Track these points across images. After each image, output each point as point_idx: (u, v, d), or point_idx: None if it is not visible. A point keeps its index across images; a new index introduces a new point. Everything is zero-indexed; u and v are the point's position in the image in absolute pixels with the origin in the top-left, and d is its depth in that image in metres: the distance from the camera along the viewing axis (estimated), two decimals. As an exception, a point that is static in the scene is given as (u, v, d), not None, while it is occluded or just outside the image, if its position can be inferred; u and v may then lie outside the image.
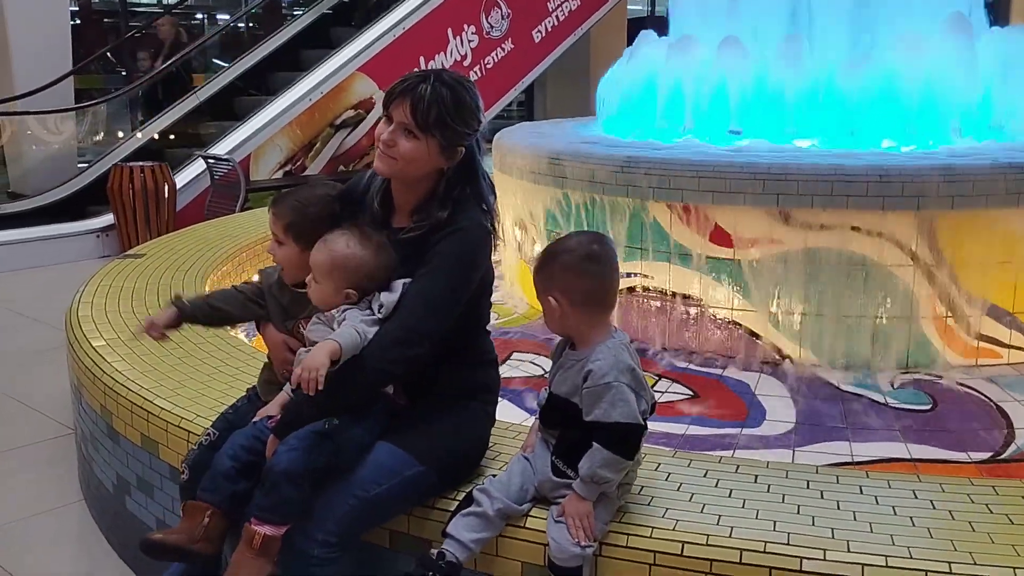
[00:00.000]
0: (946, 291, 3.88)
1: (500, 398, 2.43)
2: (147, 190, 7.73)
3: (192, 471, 2.29)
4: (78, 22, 11.49)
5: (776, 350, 4.03)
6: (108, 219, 7.99)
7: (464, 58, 9.98)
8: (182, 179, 8.41)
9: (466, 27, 10.05)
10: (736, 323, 4.08)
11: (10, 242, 7.55)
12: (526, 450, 2.21)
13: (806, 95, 4.66)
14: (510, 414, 3.21)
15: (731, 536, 1.99)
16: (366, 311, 2.16)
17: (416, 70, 2.23)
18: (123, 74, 11.67)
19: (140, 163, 7.94)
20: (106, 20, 13.25)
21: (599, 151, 4.44)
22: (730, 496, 2.18)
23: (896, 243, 3.82)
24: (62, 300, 4.20)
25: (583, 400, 2.03)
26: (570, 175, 4.40)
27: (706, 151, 4.35)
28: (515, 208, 4.92)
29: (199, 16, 14.49)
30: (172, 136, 9.49)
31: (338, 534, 2.05)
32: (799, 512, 2.09)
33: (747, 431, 3.46)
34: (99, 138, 9.62)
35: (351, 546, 2.11)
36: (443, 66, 9.51)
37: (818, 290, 3.91)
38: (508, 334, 4.44)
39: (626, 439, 1.99)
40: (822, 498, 2.16)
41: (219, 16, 13.97)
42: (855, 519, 2.06)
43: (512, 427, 2.58)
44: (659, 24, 5.85)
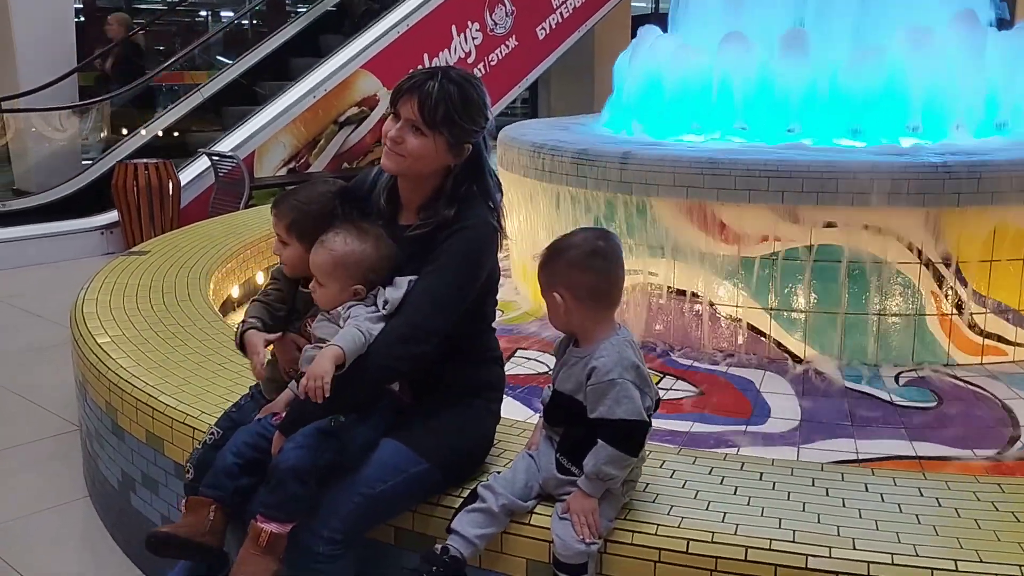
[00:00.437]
0: (952, 288, 3.87)
1: (504, 395, 2.42)
2: (151, 187, 7.74)
3: (196, 470, 2.29)
4: (82, 19, 11.50)
5: (781, 347, 4.02)
6: (112, 216, 8.00)
7: (468, 55, 9.97)
8: (186, 176, 8.41)
9: (470, 24, 10.04)
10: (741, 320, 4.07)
11: (15, 239, 7.56)
12: (531, 447, 2.21)
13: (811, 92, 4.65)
14: (514, 411, 3.21)
15: (736, 533, 1.99)
16: (371, 307, 2.16)
17: (422, 67, 2.23)
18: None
19: (144, 160, 7.94)
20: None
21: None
22: (735, 493, 2.17)
23: (902, 240, 3.81)
24: (67, 297, 4.21)
25: (587, 397, 2.02)
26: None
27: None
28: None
29: (203, 13, 14.50)
30: (176, 133, 9.50)
31: (343, 531, 2.05)
32: (804, 510, 2.09)
33: (752, 428, 3.45)
34: (103, 135, 9.62)
35: (356, 543, 2.11)
36: (447, 63, 9.52)
37: (823, 287, 3.90)
38: (512, 331, 4.44)
39: (631, 436, 1.99)
40: (827, 496, 2.16)
41: (223, 13, 13.97)
42: (861, 517, 2.06)
43: (516, 424, 2.58)
44: (663, 21, 5.83)
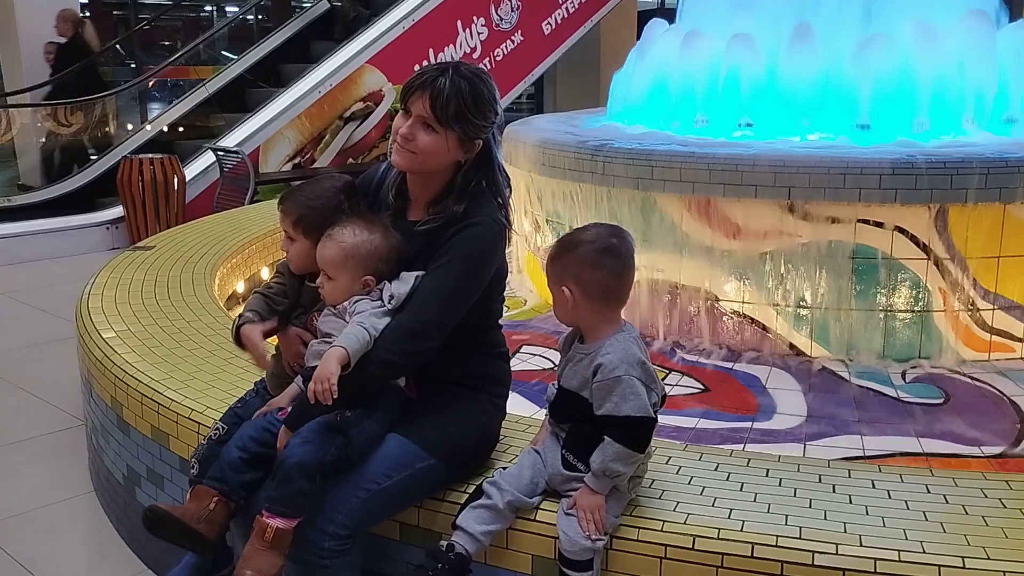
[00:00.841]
0: (959, 285, 3.85)
1: (510, 391, 2.42)
2: (156, 182, 7.74)
3: (201, 466, 2.29)
4: (88, 15, 11.51)
5: (787, 344, 4.01)
6: (118, 211, 8.01)
7: (474, 50, 9.95)
8: (191, 171, 8.42)
9: (476, 19, 10.03)
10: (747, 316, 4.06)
11: (20, 234, 7.58)
12: (536, 444, 2.21)
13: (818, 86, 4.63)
14: (520, 407, 3.20)
15: (742, 530, 1.98)
16: (376, 302, 2.16)
17: (433, 63, 2.22)
18: (133, 66, 11.70)
19: (150, 155, 7.95)
20: (116, 13, 13.30)
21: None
22: (741, 490, 2.17)
23: (909, 236, 3.80)
24: (72, 292, 4.21)
25: (593, 394, 2.02)
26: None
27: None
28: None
29: (208, 8, 14.51)
30: (181, 128, 9.51)
31: (349, 527, 2.04)
32: (811, 506, 2.08)
33: (758, 425, 3.45)
34: (108, 130, 9.64)
35: (362, 538, 2.10)
36: (452, 58, 9.50)
37: (830, 283, 3.89)
38: (518, 327, 4.44)
39: (637, 432, 1.98)
40: (834, 492, 2.15)
41: (228, 9, 13.99)
42: (867, 513, 2.05)
43: (521, 420, 2.58)
44: (669, 16, 5.81)
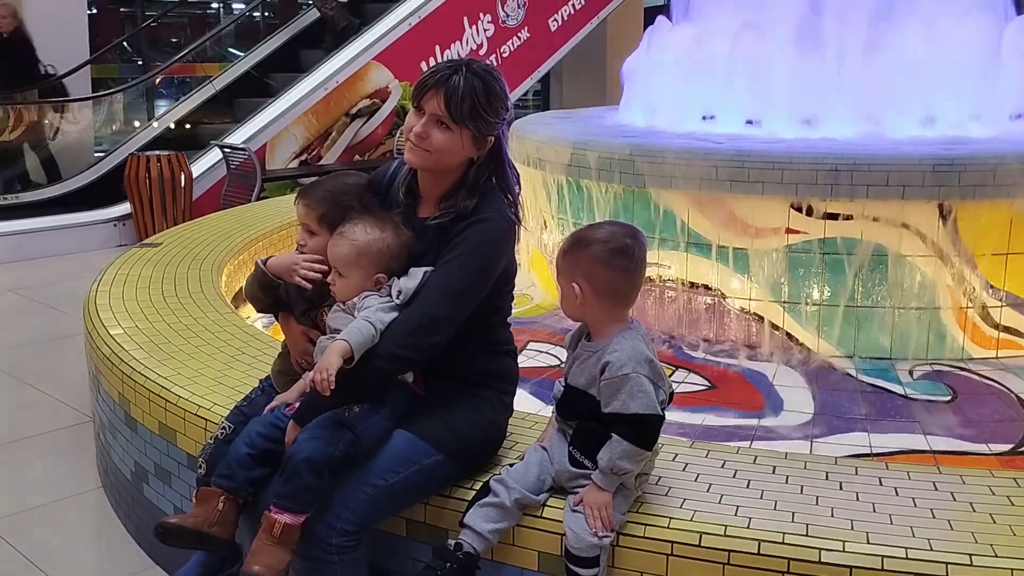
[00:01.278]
0: (967, 282, 3.84)
1: (517, 388, 2.42)
2: (164, 179, 7.75)
3: (208, 464, 2.29)
4: (95, 11, 11.53)
5: (794, 341, 4.00)
6: (125, 208, 8.02)
7: (480, 47, 9.94)
8: (198, 168, 8.43)
9: (482, 16, 10.01)
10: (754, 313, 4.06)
11: (28, 231, 7.59)
12: (543, 441, 2.21)
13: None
14: (526, 404, 3.21)
15: (749, 527, 1.98)
16: (385, 297, 2.16)
17: (443, 60, 2.22)
18: (139, 63, 11.73)
19: (157, 152, 7.96)
20: (123, 9, 13.32)
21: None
22: (748, 487, 2.17)
23: (916, 233, 3.79)
24: (80, 288, 4.23)
25: (601, 392, 2.02)
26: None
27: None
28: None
29: (215, 5, 14.53)
30: (188, 125, 9.52)
31: (356, 522, 2.05)
32: (818, 503, 2.08)
33: (765, 422, 3.44)
34: (116, 127, 9.66)
35: (369, 534, 2.11)
36: (459, 55, 9.49)
37: (837, 280, 3.88)
38: (524, 324, 4.43)
39: (645, 430, 1.98)
40: (841, 489, 2.15)
41: (235, 6, 14.00)
42: (874, 511, 2.04)
43: (528, 417, 2.58)
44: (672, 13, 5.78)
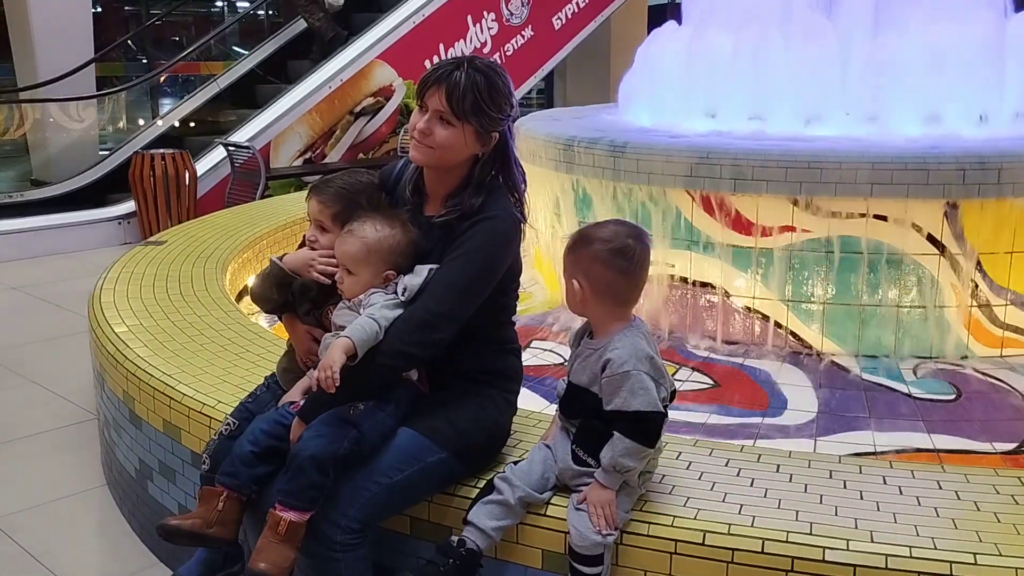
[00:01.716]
0: (971, 280, 3.84)
1: (521, 387, 2.42)
2: (168, 177, 7.77)
3: (213, 461, 2.29)
4: (99, 10, 11.54)
5: (798, 339, 4.00)
6: (129, 206, 8.04)
7: (484, 45, 9.94)
8: (203, 166, 8.44)
9: (486, 14, 10.00)
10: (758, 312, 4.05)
11: (33, 229, 7.61)
12: (547, 439, 2.21)
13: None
14: (530, 402, 3.20)
15: (753, 526, 1.98)
16: (390, 294, 2.17)
17: (439, 58, 2.22)
18: (144, 62, 11.73)
19: (161, 150, 7.97)
20: (127, 8, 13.32)
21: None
22: (752, 485, 2.16)
23: (921, 231, 3.78)
24: (84, 286, 4.23)
25: (602, 389, 2.02)
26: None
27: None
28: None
29: (219, 3, 14.53)
30: (192, 124, 9.53)
31: (361, 520, 2.05)
32: (822, 502, 2.08)
33: (769, 420, 3.44)
34: (120, 125, 9.67)
35: (373, 532, 2.11)
36: (462, 53, 9.48)
37: (841, 278, 3.88)
38: (528, 322, 4.43)
39: (646, 427, 1.98)
40: (845, 488, 2.15)
41: (239, 4, 13.99)
42: (879, 509, 2.04)
43: (532, 415, 2.58)
44: (679, 11, 5.78)
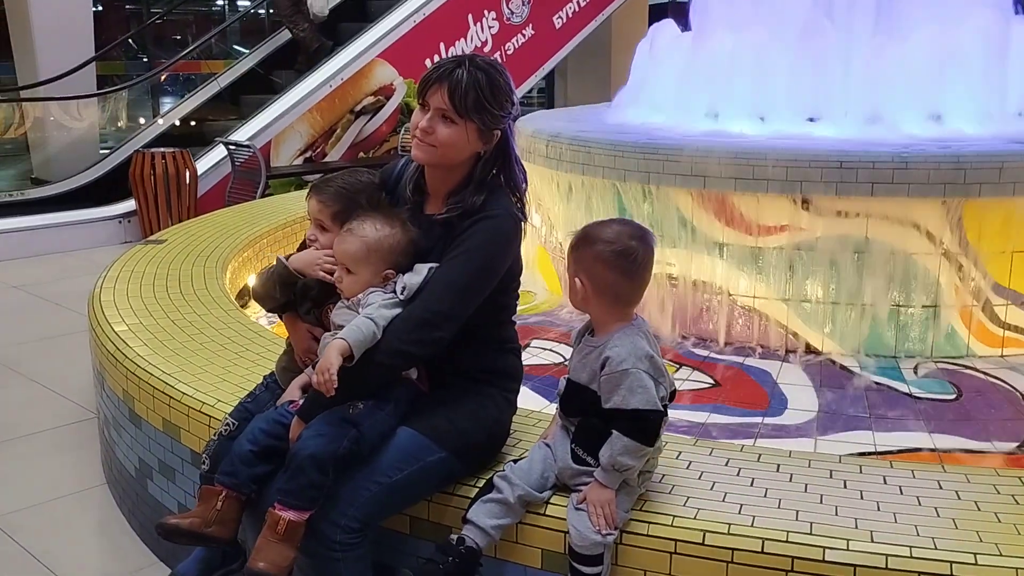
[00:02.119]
0: (972, 280, 3.83)
1: (521, 386, 2.41)
2: (169, 176, 7.77)
3: (212, 461, 2.29)
4: (100, 8, 11.54)
5: (799, 339, 4.00)
6: (130, 205, 8.04)
7: (484, 44, 9.93)
8: (203, 165, 8.44)
9: (487, 13, 10.00)
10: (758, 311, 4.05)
11: (33, 227, 7.61)
12: (546, 438, 2.21)
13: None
14: (530, 402, 3.20)
15: (753, 525, 1.98)
16: (389, 293, 2.17)
17: (439, 56, 2.22)
18: (145, 60, 11.73)
19: (162, 149, 7.98)
20: (128, 7, 13.33)
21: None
22: (752, 485, 2.16)
23: (922, 231, 3.78)
24: (84, 285, 4.23)
25: (601, 387, 2.02)
26: None
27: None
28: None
29: (220, 2, 14.52)
30: (193, 122, 9.52)
31: (360, 520, 2.05)
32: (822, 502, 2.08)
33: (769, 420, 3.44)
34: (121, 124, 9.66)
35: (373, 532, 2.11)
36: (463, 52, 9.47)
37: (842, 278, 3.87)
38: (529, 321, 4.43)
39: (645, 426, 1.98)
40: (845, 488, 2.14)
41: (240, 3, 13.99)
42: (879, 509, 2.04)
43: (532, 415, 2.57)
44: (680, 10, 5.77)
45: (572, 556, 2.01)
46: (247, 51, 10.26)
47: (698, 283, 4.17)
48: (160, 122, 9.41)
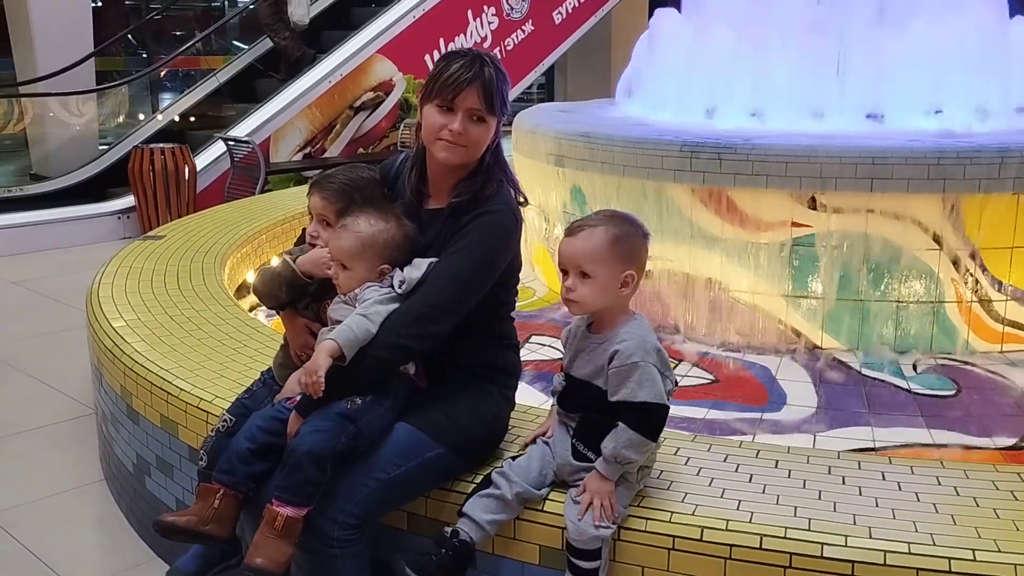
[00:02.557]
0: (971, 276, 3.83)
1: (519, 382, 2.41)
2: (168, 172, 7.76)
3: (210, 458, 2.29)
4: (99, 4, 11.51)
5: (798, 335, 3.99)
6: (129, 201, 8.03)
7: (484, 40, 9.92)
8: (202, 161, 8.43)
9: (486, 8, 9.98)
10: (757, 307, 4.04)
11: (32, 223, 7.61)
12: (545, 434, 2.20)
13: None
14: (528, 398, 3.20)
15: (751, 521, 1.98)
16: (385, 288, 2.16)
17: (455, 54, 2.21)
18: (144, 56, 11.71)
19: (161, 145, 7.97)
20: (127, 2, 13.30)
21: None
22: (750, 481, 2.16)
23: (921, 227, 3.77)
24: (83, 281, 4.22)
25: (609, 380, 2.02)
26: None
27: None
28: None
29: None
30: (192, 118, 9.50)
31: (358, 516, 2.05)
32: (820, 498, 2.08)
33: (768, 416, 3.44)
34: (120, 120, 9.65)
35: (371, 528, 2.11)
36: (462, 48, 9.43)
37: (841, 274, 3.87)
38: (527, 317, 4.43)
39: (652, 419, 1.98)
40: (844, 484, 2.14)
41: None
42: (877, 505, 2.04)
43: (531, 410, 2.57)
44: (680, 5, 5.75)
45: (570, 551, 2.01)
46: (247, 46, 10.24)
47: (697, 278, 4.16)
48: (159, 117, 9.40)
